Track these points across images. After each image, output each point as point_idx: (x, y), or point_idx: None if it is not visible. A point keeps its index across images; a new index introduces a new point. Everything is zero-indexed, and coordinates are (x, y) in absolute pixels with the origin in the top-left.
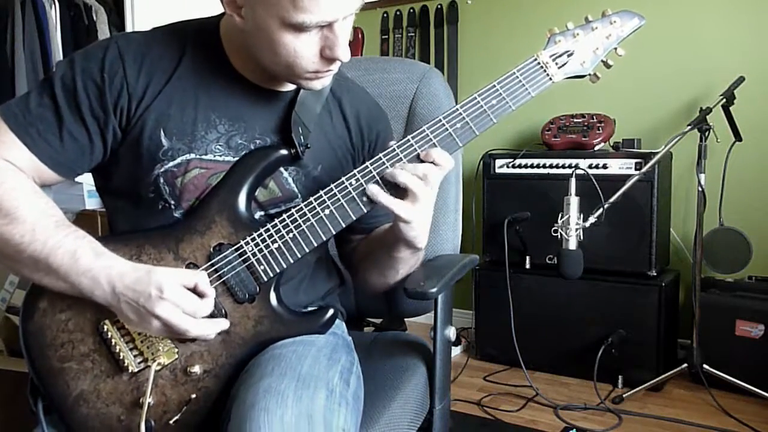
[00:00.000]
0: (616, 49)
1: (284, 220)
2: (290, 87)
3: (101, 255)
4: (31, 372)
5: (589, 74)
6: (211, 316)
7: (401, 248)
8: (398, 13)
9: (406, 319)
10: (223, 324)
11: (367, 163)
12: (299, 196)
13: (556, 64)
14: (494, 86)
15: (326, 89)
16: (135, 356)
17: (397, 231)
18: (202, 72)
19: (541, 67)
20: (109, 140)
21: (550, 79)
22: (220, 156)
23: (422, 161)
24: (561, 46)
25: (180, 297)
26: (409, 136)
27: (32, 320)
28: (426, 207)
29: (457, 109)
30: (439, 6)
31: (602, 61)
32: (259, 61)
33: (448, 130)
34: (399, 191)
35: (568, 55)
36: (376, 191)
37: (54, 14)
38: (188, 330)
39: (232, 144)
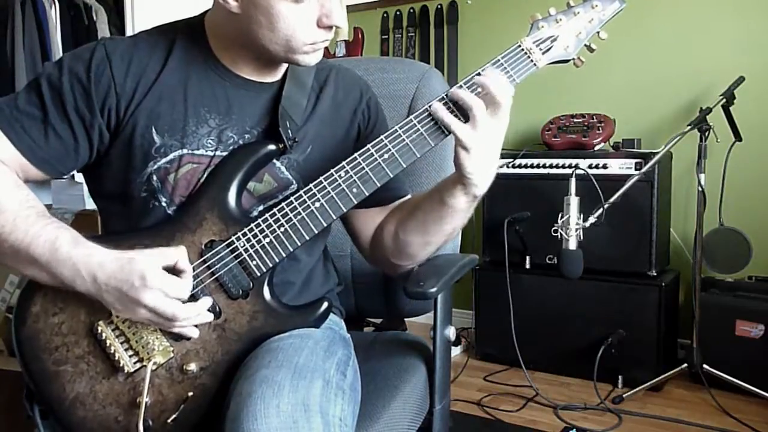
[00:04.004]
0: (598, 33)
1: (275, 214)
2: (276, 77)
3: (80, 244)
4: (26, 377)
5: (573, 59)
6: (195, 298)
7: (457, 192)
8: (398, 13)
9: (406, 319)
10: (206, 302)
11: (356, 155)
12: (294, 182)
13: (540, 49)
14: (479, 73)
15: (310, 78)
16: (130, 356)
17: (456, 164)
18: (189, 68)
19: (525, 53)
20: (95, 141)
21: (535, 64)
22: (212, 150)
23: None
24: (544, 31)
25: (163, 282)
26: (396, 127)
27: (25, 325)
28: (487, 136)
29: (444, 97)
30: (439, 6)
31: (585, 45)
32: (255, 44)
33: (433, 119)
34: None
35: (552, 41)
36: (437, 107)
37: (54, 14)
38: (175, 314)
39: (223, 138)
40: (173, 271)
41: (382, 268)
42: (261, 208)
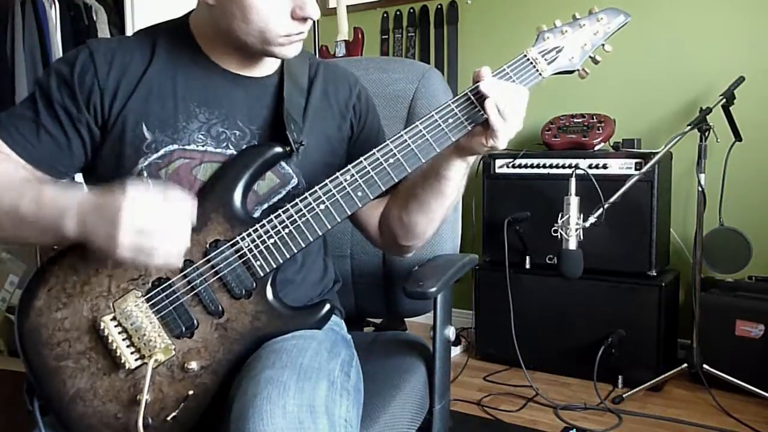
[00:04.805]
0: (603, 45)
1: (280, 215)
2: (265, 72)
3: (64, 185)
4: (28, 371)
5: (578, 69)
6: (207, 311)
7: (454, 163)
8: (398, 13)
9: (406, 319)
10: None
11: (362, 159)
12: (295, 177)
13: (546, 60)
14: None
15: (305, 76)
16: (132, 353)
17: (475, 145)
18: (177, 64)
19: (531, 63)
20: (86, 137)
21: (540, 74)
22: (202, 146)
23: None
24: (550, 42)
25: (148, 196)
26: (402, 132)
27: (28, 320)
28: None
29: (450, 104)
30: (439, 6)
31: (590, 56)
32: (231, 36)
33: (441, 125)
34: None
35: (557, 51)
36: (489, 108)
37: (54, 14)
38: (163, 221)
39: (213, 133)
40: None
41: (396, 252)
42: (265, 206)
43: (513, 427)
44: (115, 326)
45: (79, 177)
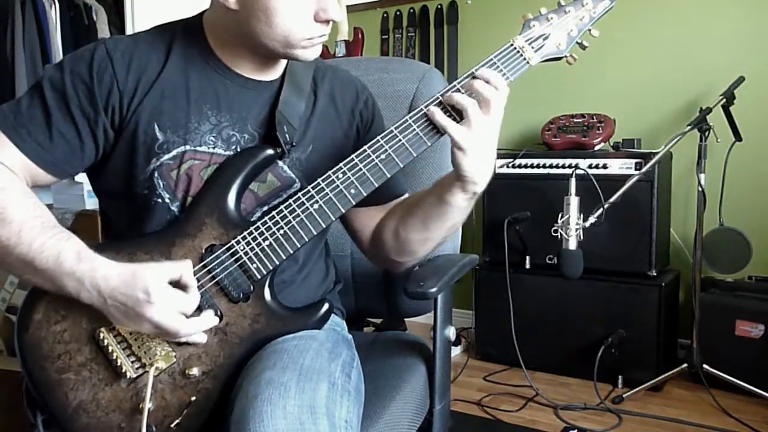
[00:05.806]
0: (590, 30)
1: (274, 217)
2: (275, 76)
3: (84, 258)
4: (30, 385)
5: (566, 56)
6: (199, 308)
7: (456, 190)
8: (398, 13)
9: (406, 319)
10: (209, 314)
11: (353, 156)
12: (297, 180)
13: (533, 47)
14: (473, 74)
15: (308, 79)
16: (132, 362)
17: (453, 164)
18: (190, 66)
19: (518, 51)
20: (100, 139)
21: (528, 62)
22: (212, 147)
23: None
24: (536, 30)
25: (168, 298)
26: (392, 127)
27: (27, 333)
28: (482, 135)
29: (438, 97)
30: (439, 6)
31: (578, 42)
32: (251, 40)
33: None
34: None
35: (544, 39)
36: (433, 110)
37: (54, 14)
38: (178, 330)
39: (224, 136)
40: (178, 285)
41: (384, 265)
42: (265, 208)
43: (513, 427)
44: (115, 336)
45: (82, 176)
